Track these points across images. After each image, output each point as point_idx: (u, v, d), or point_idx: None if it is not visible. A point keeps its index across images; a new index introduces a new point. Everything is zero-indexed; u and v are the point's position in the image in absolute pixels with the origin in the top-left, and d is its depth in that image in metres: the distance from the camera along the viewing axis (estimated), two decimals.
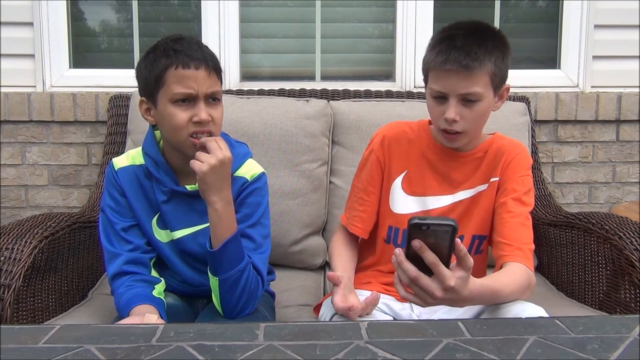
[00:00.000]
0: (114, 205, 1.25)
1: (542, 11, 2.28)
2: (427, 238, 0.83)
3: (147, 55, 1.20)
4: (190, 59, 1.16)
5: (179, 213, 1.25)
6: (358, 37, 2.23)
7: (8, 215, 2.11)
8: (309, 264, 1.79)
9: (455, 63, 1.10)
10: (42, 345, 0.68)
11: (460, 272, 0.86)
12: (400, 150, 1.27)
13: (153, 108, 1.21)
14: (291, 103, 1.85)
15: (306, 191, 1.77)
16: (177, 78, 1.15)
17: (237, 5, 2.12)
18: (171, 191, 1.24)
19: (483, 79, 1.13)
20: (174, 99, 1.16)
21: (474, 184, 1.24)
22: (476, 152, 1.24)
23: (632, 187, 2.20)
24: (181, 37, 1.20)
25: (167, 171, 1.24)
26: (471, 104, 1.14)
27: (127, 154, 1.31)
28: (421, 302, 0.89)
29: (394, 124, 1.33)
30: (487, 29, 1.18)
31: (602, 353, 0.65)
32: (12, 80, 2.06)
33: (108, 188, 1.27)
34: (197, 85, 1.15)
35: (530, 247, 1.16)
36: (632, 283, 1.34)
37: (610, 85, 2.15)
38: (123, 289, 1.19)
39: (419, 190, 1.26)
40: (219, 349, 0.66)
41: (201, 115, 1.15)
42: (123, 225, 1.24)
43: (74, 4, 2.15)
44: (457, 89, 1.12)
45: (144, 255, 1.24)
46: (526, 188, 1.21)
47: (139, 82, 1.23)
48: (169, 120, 1.17)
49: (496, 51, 1.14)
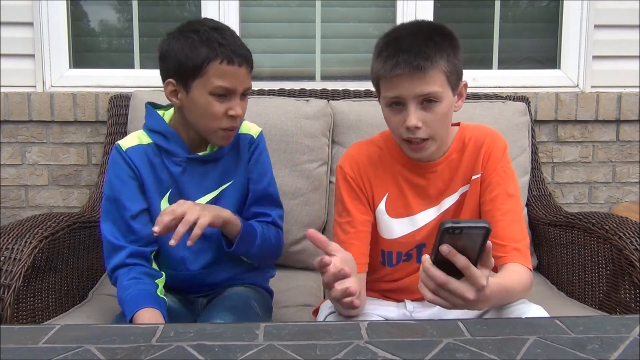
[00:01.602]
0: (124, 190, 1.24)
1: (542, 11, 2.27)
2: (457, 241, 0.81)
3: (184, 37, 1.17)
4: (235, 55, 1.17)
5: (195, 180, 1.27)
6: (358, 37, 2.23)
7: (8, 215, 2.11)
8: (309, 264, 1.79)
9: (407, 66, 1.04)
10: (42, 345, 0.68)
11: (485, 271, 0.85)
12: (376, 175, 1.20)
13: (182, 92, 1.20)
14: (291, 103, 1.85)
15: (306, 191, 1.78)
16: (220, 72, 1.16)
17: (237, 5, 2.12)
18: (186, 160, 1.26)
19: (438, 77, 1.06)
20: (214, 92, 1.17)
21: (456, 188, 1.19)
22: (449, 156, 1.18)
23: (632, 187, 2.20)
24: (220, 25, 1.20)
25: (178, 142, 1.25)
26: (431, 107, 1.07)
27: (131, 135, 1.31)
28: (450, 305, 0.85)
29: (358, 147, 1.24)
30: (431, 25, 1.12)
31: (602, 353, 0.65)
32: (12, 80, 2.06)
33: (117, 172, 1.25)
34: (238, 82, 1.18)
35: (526, 243, 1.13)
36: (632, 283, 1.34)
37: (610, 85, 2.15)
38: (128, 282, 1.19)
39: (404, 211, 1.19)
40: (219, 349, 0.66)
41: (237, 110, 1.20)
42: (133, 212, 1.23)
43: (74, 4, 2.15)
44: (413, 91, 1.05)
45: (146, 249, 1.24)
46: (510, 177, 1.17)
47: (169, 62, 1.19)
48: (204, 110, 1.18)
49: (446, 47, 1.07)
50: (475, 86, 2.11)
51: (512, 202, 1.15)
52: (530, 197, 1.90)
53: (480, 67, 2.21)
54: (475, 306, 0.88)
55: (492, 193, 1.15)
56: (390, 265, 1.23)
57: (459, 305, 0.85)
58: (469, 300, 0.84)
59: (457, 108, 1.15)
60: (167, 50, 1.20)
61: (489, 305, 0.95)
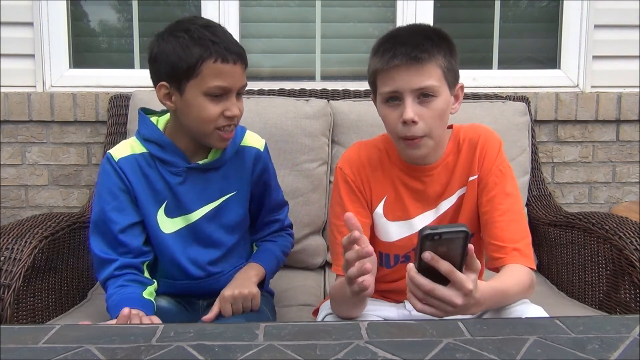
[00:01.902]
0: (114, 203, 1.20)
1: (542, 11, 2.27)
2: (438, 247, 0.81)
3: (174, 37, 1.13)
4: (229, 52, 1.12)
5: (196, 191, 1.24)
6: (358, 37, 2.23)
7: (8, 215, 2.11)
8: (309, 263, 1.80)
9: (404, 57, 1.03)
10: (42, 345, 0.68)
11: (472, 275, 0.85)
12: (376, 177, 1.19)
13: (176, 95, 1.15)
14: (291, 103, 1.85)
15: (306, 191, 1.78)
16: (214, 72, 1.12)
17: (237, 5, 2.12)
18: (185, 170, 1.22)
19: (435, 72, 1.06)
20: (209, 92, 1.13)
21: (453, 190, 1.18)
22: (446, 158, 1.17)
23: (632, 187, 2.20)
24: (210, 23, 1.16)
25: (176, 151, 1.22)
26: (428, 101, 1.06)
27: (123, 143, 1.26)
28: (440, 313, 0.85)
29: (357, 148, 1.23)
30: (429, 27, 1.13)
31: (602, 353, 0.65)
32: (12, 80, 2.06)
33: (107, 184, 1.21)
34: (233, 81, 1.14)
35: (527, 242, 1.12)
36: (632, 283, 1.34)
37: (610, 85, 2.15)
38: (114, 289, 1.16)
39: (401, 214, 1.19)
40: (219, 349, 0.66)
41: (234, 110, 1.16)
42: (122, 225, 1.20)
43: (74, 4, 2.15)
44: (410, 84, 1.04)
45: (135, 260, 1.21)
46: (506, 176, 1.15)
47: (160, 64, 1.15)
48: (198, 112, 1.14)
49: (443, 45, 1.08)
50: (475, 86, 2.11)
51: (510, 201, 1.14)
52: (530, 197, 1.90)
53: (480, 67, 2.21)
54: (467, 311, 0.87)
55: (490, 194, 1.14)
56: (388, 267, 1.22)
57: (450, 312, 0.85)
58: (458, 306, 0.84)
59: (453, 110, 1.14)
60: (158, 52, 1.15)
61: (483, 308, 0.94)
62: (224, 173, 1.27)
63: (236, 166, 1.29)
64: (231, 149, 1.27)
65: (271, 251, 1.37)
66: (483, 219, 1.15)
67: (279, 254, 1.39)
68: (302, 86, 2.03)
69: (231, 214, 1.28)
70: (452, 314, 0.85)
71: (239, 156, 1.29)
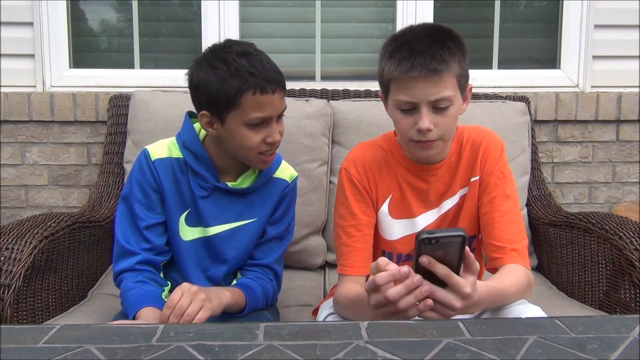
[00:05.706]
0: (144, 200, 1.22)
1: (542, 11, 2.28)
2: (435, 251, 0.81)
3: (212, 69, 1.13)
4: (267, 82, 1.13)
5: (218, 209, 1.25)
6: (358, 37, 2.23)
7: (8, 215, 2.11)
8: (309, 263, 1.79)
9: (423, 69, 1.03)
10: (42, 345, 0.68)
11: (470, 277, 0.85)
12: (381, 176, 1.20)
13: (218, 123, 1.17)
14: (291, 103, 1.84)
15: (306, 191, 1.77)
16: (254, 103, 1.12)
17: (237, 5, 2.12)
18: (212, 187, 1.23)
19: (451, 81, 1.07)
20: (250, 123, 1.14)
21: (456, 190, 1.19)
22: (449, 158, 1.19)
23: (632, 187, 2.20)
24: (247, 51, 1.16)
25: (209, 167, 1.23)
26: (443, 110, 1.07)
27: (162, 143, 1.27)
28: (440, 317, 0.85)
29: (361, 149, 1.24)
30: (442, 29, 1.12)
31: (602, 353, 0.65)
32: (12, 80, 2.06)
33: (139, 180, 1.22)
34: (274, 109, 1.16)
35: (524, 244, 1.13)
36: (632, 283, 1.34)
37: (610, 85, 2.15)
38: (133, 284, 1.17)
39: (405, 213, 1.20)
40: (219, 349, 0.66)
41: (275, 137, 1.18)
42: (148, 223, 1.21)
43: (74, 4, 2.16)
44: (428, 96, 1.05)
45: (157, 258, 1.22)
46: (507, 179, 1.17)
47: (200, 94, 1.16)
48: (241, 141, 1.16)
49: (457, 51, 1.09)
50: (475, 86, 2.08)
51: (510, 203, 1.16)
52: (530, 197, 1.90)
53: (480, 67, 2.21)
54: (465, 312, 0.88)
55: (490, 195, 1.16)
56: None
57: (449, 315, 0.85)
58: (457, 309, 0.85)
59: (462, 111, 1.15)
60: (197, 82, 1.15)
61: (481, 308, 0.95)
62: (250, 200, 1.28)
63: (263, 196, 1.29)
64: (263, 179, 1.28)
65: (254, 293, 1.27)
66: (483, 219, 1.17)
67: (261, 292, 1.28)
68: (302, 86, 2.03)
69: (245, 239, 1.28)
70: (451, 316, 0.86)
71: (268, 187, 1.30)
